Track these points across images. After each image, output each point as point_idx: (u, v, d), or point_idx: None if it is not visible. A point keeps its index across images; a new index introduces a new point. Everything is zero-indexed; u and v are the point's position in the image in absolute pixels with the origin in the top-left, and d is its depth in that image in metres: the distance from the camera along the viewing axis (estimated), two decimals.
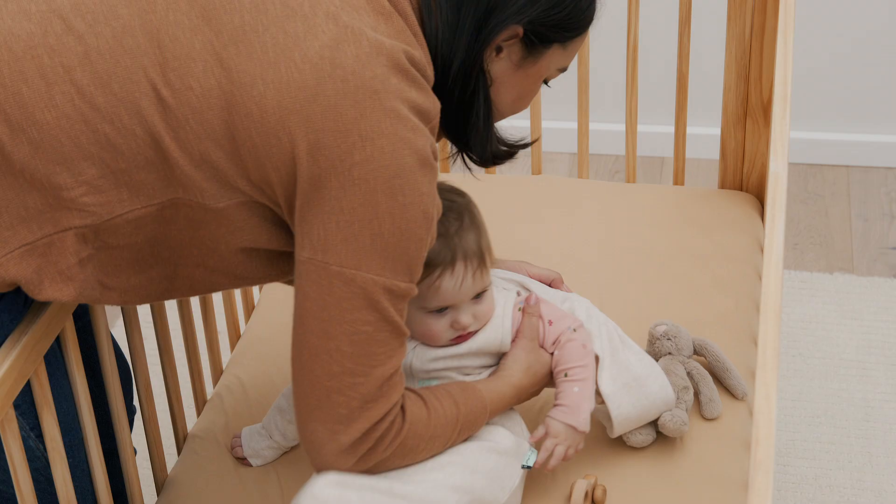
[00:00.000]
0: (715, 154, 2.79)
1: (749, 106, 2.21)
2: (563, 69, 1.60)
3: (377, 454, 1.49)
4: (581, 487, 1.66)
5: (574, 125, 3.02)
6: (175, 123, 1.39)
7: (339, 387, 1.44)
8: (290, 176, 1.40)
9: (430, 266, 1.57)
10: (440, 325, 1.62)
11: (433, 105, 1.45)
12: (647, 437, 1.75)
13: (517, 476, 1.63)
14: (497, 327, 1.66)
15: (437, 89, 1.50)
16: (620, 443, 1.76)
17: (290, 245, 1.48)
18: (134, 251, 1.48)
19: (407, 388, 1.54)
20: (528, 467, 1.64)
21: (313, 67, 1.38)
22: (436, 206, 1.44)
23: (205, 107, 1.39)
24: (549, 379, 1.70)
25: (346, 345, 1.42)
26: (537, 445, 1.66)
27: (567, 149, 3.22)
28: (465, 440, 1.61)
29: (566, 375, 1.66)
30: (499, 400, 1.63)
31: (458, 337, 1.64)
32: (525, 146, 1.64)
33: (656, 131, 3.07)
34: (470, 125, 1.54)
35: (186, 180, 1.42)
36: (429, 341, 1.64)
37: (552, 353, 1.68)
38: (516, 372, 1.65)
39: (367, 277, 1.41)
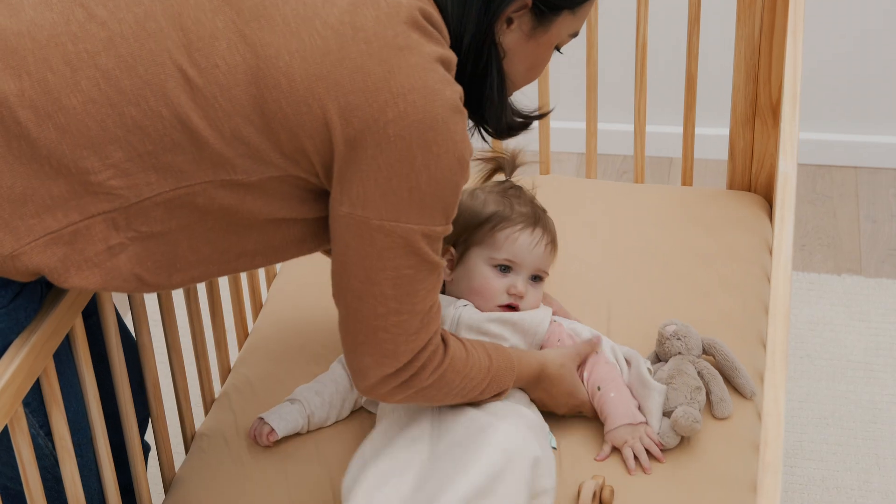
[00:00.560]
0: (723, 154, 2.78)
1: (758, 106, 2.21)
2: (575, 34, 1.60)
3: (419, 381, 1.57)
4: (589, 488, 1.66)
5: (582, 125, 3.02)
6: (203, 102, 1.41)
7: (384, 325, 1.51)
8: (326, 142, 1.43)
9: (513, 220, 1.79)
10: (498, 285, 1.78)
11: (452, 56, 1.48)
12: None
13: (549, 448, 1.70)
14: (539, 311, 1.81)
15: None
16: None
17: (324, 211, 1.52)
18: (172, 245, 1.49)
19: (449, 333, 1.63)
20: (553, 448, 1.73)
21: (335, 33, 1.40)
22: (468, 149, 1.48)
23: (232, 83, 1.41)
24: (576, 402, 1.78)
25: (390, 288, 1.49)
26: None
27: (575, 149, 3.22)
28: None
29: (599, 389, 1.77)
30: (525, 367, 1.72)
31: (505, 306, 1.78)
32: (540, 117, 1.66)
33: (665, 131, 3.07)
34: (484, 98, 1.56)
35: (218, 158, 1.43)
36: (479, 298, 1.79)
37: (582, 376, 1.80)
38: (549, 358, 1.76)
39: (406, 227, 1.46)
